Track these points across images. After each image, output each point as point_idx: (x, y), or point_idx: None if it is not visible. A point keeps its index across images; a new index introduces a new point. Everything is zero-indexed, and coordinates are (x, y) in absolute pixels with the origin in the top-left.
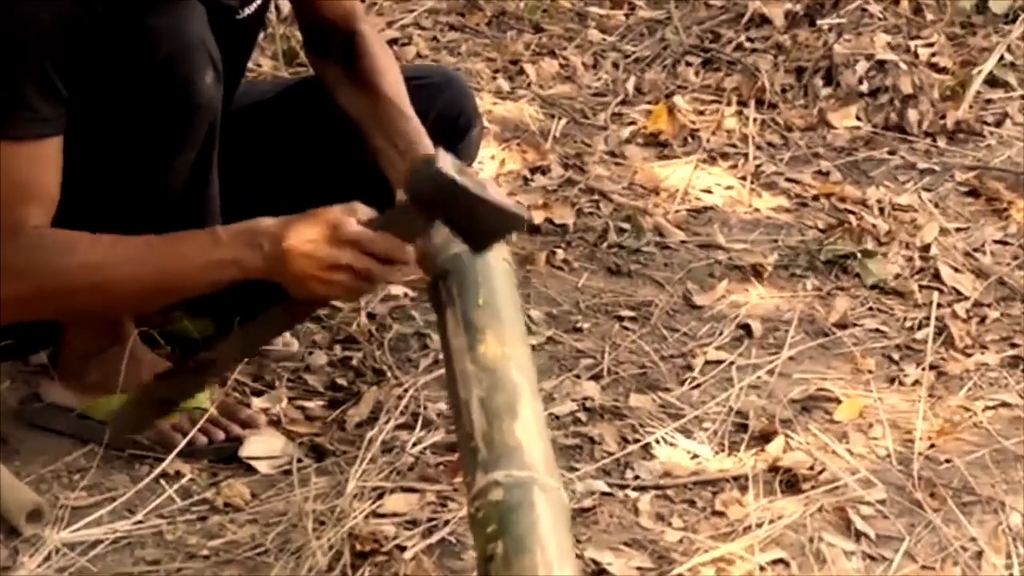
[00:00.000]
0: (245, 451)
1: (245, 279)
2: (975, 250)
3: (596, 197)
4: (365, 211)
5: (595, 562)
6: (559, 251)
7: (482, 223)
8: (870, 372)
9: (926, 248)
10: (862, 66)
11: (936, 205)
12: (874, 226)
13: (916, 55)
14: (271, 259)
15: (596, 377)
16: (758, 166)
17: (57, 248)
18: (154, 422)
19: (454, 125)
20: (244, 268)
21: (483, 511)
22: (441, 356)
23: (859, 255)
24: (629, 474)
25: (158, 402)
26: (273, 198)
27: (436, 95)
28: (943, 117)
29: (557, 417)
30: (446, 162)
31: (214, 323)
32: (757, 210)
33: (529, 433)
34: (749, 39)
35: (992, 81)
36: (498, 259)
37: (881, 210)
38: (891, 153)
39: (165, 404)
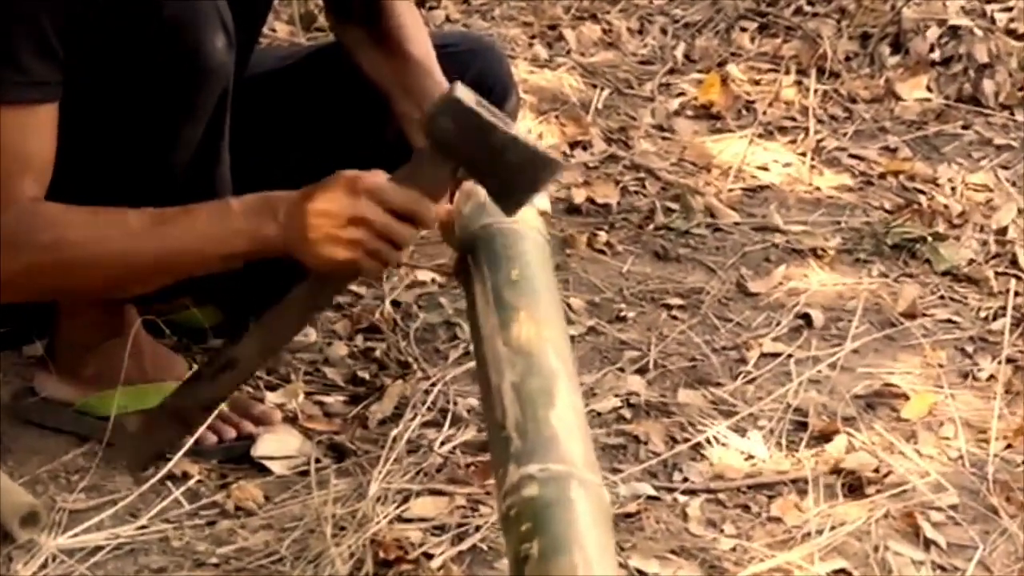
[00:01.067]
0: (258, 450)
1: (260, 254)
2: None
3: (642, 175)
4: (384, 174)
5: (640, 572)
6: (601, 233)
7: (510, 166)
8: (941, 366)
9: (1002, 231)
10: (933, 32)
11: (1013, 184)
12: (946, 207)
13: (993, 20)
14: (286, 225)
15: (642, 371)
16: (819, 141)
17: (53, 221)
18: (176, 443)
19: (487, 96)
20: (258, 239)
21: (516, 508)
22: (472, 347)
23: (929, 238)
24: (677, 476)
25: (177, 419)
26: (289, 174)
27: (467, 64)
28: (1022, 88)
29: (599, 414)
30: (466, 95)
31: (223, 312)
32: (818, 189)
33: (567, 423)
34: (810, 2)
35: None
36: (533, 230)
37: (953, 189)
38: (965, 127)
39: (185, 420)
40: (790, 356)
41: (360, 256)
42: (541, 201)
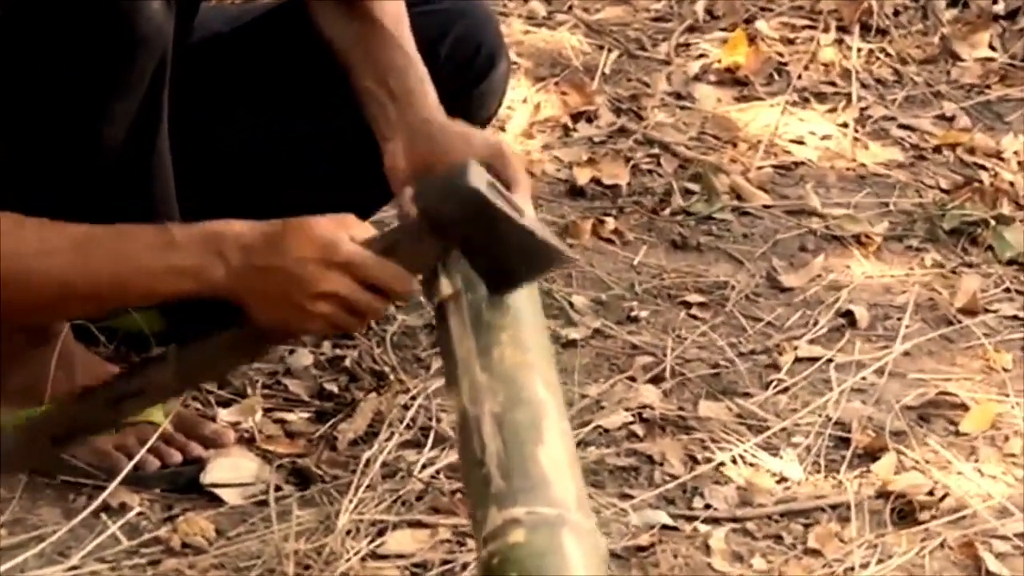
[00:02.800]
0: (208, 476)
1: (202, 296)
2: None
3: (656, 151)
4: (362, 228)
5: None
6: (609, 220)
7: (513, 257)
8: (1005, 371)
9: None
10: None
11: None
12: (1011, 185)
13: None
14: (238, 276)
15: (656, 380)
16: (863, 109)
17: None
18: (46, 462)
19: (472, 61)
20: (202, 281)
21: (499, 557)
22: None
23: (992, 222)
24: (698, 503)
25: (55, 436)
26: (239, 157)
27: (449, 23)
28: None
29: (606, 431)
30: (476, 175)
31: (167, 317)
32: (862, 165)
33: (557, 460)
34: None
35: None
36: None
37: (1020, 164)
38: None
39: (62, 440)
40: (830, 361)
41: (321, 327)
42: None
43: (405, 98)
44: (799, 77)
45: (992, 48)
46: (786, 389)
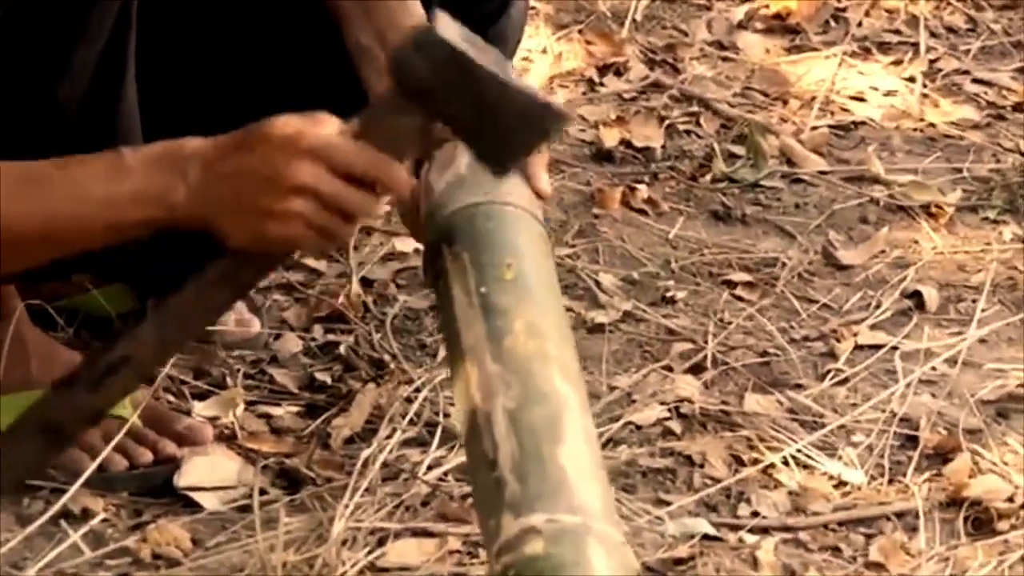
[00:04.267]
0: (183, 479)
1: (162, 224)
2: None
3: (695, 108)
4: (334, 123)
5: None
6: (641, 187)
7: (502, 119)
8: None
9: None
10: None
11: None
12: None
13: None
14: (199, 190)
15: (696, 369)
16: (933, 62)
17: None
18: (45, 463)
19: (481, 7)
20: (160, 206)
21: (515, 570)
22: (448, 359)
23: None
24: (744, 509)
25: (46, 433)
26: (213, 112)
27: None
28: None
29: (639, 428)
30: (449, 29)
31: (136, 295)
32: (931, 126)
33: (579, 462)
34: None
35: None
36: (527, 215)
37: None
38: None
39: (56, 436)
40: (895, 348)
41: (301, 232)
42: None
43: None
44: (859, 24)
45: None
46: (845, 381)
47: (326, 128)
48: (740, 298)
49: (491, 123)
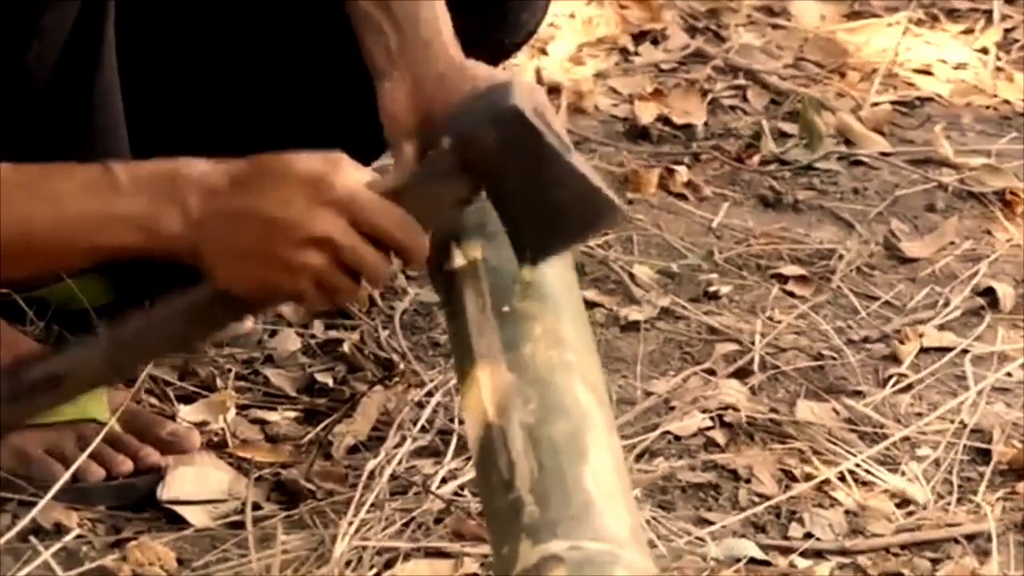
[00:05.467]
0: (168, 491)
1: (154, 252)
2: None
3: (741, 81)
4: (357, 168)
5: None
6: (681, 169)
7: (557, 206)
8: None
9: None
10: None
11: None
12: None
13: None
14: (200, 225)
15: (742, 373)
16: (1008, 31)
17: None
18: None
19: None
20: (153, 234)
21: None
22: (455, 367)
23: None
24: (796, 530)
25: None
26: (204, 87)
27: None
28: None
29: (677, 439)
30: (521, 96)
31: (115, 287)
32: (1006, 102)
33: (605, 483)
34: None
35: None
36: None
37: None
38: None
39: None
40: (965, 352)
41: (306, 287)
42: None
43: (411, 27)
44: None
45: None
46: (909, 387)
47: (352, 176)
48: (791, 294)
49: (544, 204)
